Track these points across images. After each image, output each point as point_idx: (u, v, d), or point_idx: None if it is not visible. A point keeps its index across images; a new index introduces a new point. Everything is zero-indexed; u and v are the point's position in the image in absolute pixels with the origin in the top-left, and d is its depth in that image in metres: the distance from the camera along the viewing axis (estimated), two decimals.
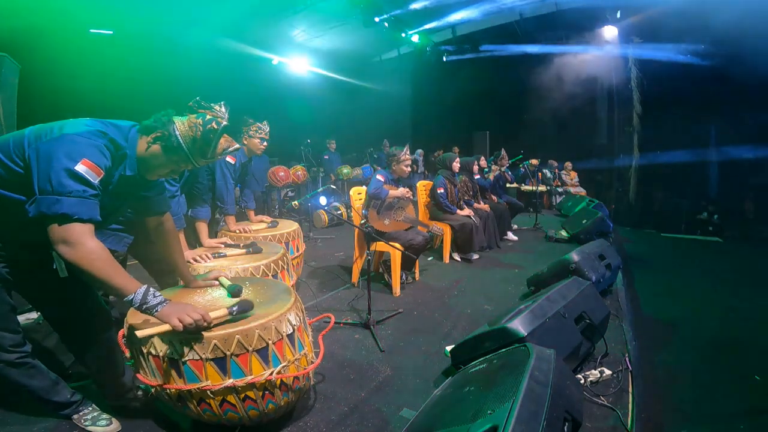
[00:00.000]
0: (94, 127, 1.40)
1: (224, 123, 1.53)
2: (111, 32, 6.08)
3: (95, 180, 1.33)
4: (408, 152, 3.61)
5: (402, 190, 3.54)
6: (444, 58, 10.39)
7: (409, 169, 3.67)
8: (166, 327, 1.36)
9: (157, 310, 1.37)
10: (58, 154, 1.29)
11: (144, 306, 1.36)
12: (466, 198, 4.83)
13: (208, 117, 1.50)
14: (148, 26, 6.15)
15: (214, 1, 6.43)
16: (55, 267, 1.54)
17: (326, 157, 8.46)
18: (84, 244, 1.30)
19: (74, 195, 1.29)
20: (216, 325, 1.45)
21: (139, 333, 1.34)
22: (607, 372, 2.10)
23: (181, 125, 1.49)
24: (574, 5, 7.98)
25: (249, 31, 7.66)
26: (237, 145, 1.63)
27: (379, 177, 3.46)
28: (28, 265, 1.51)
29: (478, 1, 7.86)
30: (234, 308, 1.49)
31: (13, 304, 1.48)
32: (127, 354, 1.53)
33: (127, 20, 6.01)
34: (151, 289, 1.38)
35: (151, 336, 1.36)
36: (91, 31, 5.91)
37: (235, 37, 7.56)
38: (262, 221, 3.24)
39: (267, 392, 1.51)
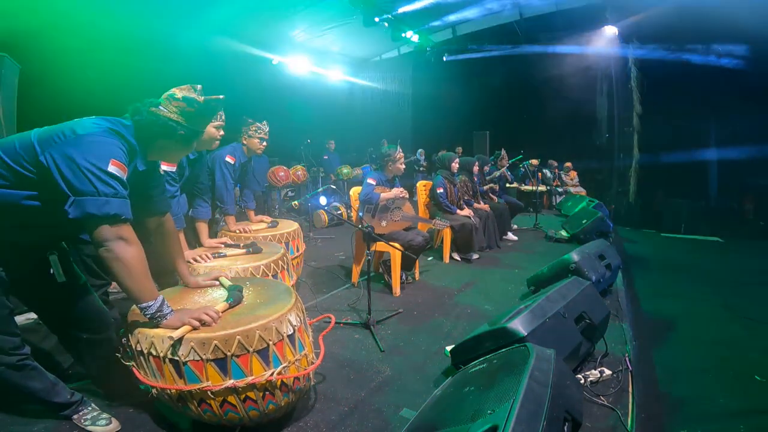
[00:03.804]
0: (105, 126, 1.41)
1: (198, 86, 1.56)
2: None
3: (124, 178, 1.38)
4: (401, 150, 3.57)
5: (396, 191, 3.47)
6: (444, 58, 10.39)
7: (404, 166, 3.62)
8: (188, 328, 1.42)
9: (166, 319, 1.44)
10: (87, 155, 1.30)
11: (158, 314, 1.43)
12: (466, 198, 4.83)
13: (179, 95, 1.52)
14: (147, 26, 6.15)
15: (213, 1, 6.43)
16: (52, 272, 1.53)
17: (326, 157, 8.46)
18: (138, 243, 1.38)
19: (120, 196, 1.34)
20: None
21: (174, 334, 1.38)
22: (607, 372, 2.10)
23: (168, 112, 1.50)
24: (574, 5, 7.98)
25: (248, 31, 7.65)
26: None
27: (370, 181, 3.40)
28: (25, 269, 1.50)
29: (478, 1, 7.86)
30: (230, 300, 1.61)
31: (11, 307, 1.47)
32: (127, 354, 1.54)
33: (127, 20, 6.01)
34: (165, 299, 1.46)
35: (182, 336, 1.40)
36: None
37: (234, 36, 7.55)
38: (262, 221, 3.24)
39: (267, 393, 1.51)
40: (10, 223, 1.39)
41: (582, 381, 2.02)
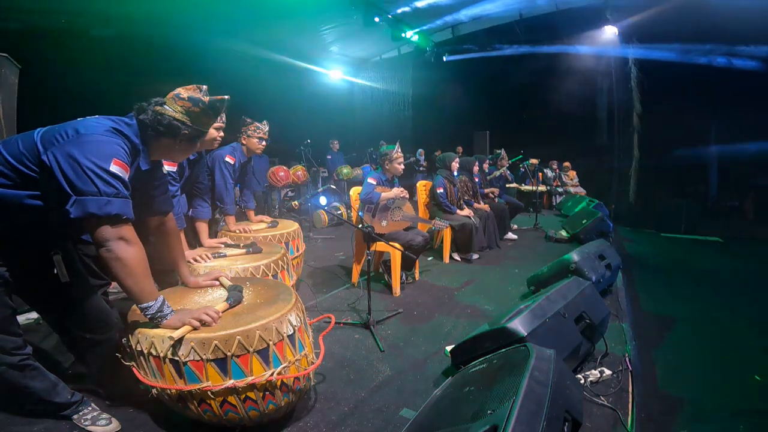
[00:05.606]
0: (108, 126, 1.41)
1: (204, 87, 1.57)
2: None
3: (126, 178, 1.37)
4: (399, 150, 3.55)
5: (396, 190, 3.47)
6: (444, 58, 10.38)
7: (403, 167, 3.61)
8: (188, 328, 1.42)
9: (166, 319, 1.44)
10: (89, 155, 1.30)
11: (158, 314, 1.43)
12: (466, 198, 4.83)
13: (185, 94, 1.52)
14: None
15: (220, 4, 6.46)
16: (55, 272, 1.53)
17: (329, 157, 8.46)
18: (139, 243, 1.38)
19: (121, 195, 1.34)
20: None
21: (175, 334, 1.38)
22: (607, 372, 2.10)
23: (173, 111, 1.51)
24: (574, 5, 7.98)
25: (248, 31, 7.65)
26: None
27: (370, 180, 3.40)
28: (28, 269, 1.50)
29: (478, 1, 7.86)
30: (230, 300, 1.61)
31: (14, 307, 1.48)
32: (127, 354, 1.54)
33: (128, 21, 6.02)
34: (165, 299, 1.47)
35: (182, 336, 1.40)
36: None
37: (239, 37, 7.55)
38: (262, 221, 3.24)
39: (267, 393, 1.51)
40: (13, 223, 1.39)
41: (582, 381, 2.02)
